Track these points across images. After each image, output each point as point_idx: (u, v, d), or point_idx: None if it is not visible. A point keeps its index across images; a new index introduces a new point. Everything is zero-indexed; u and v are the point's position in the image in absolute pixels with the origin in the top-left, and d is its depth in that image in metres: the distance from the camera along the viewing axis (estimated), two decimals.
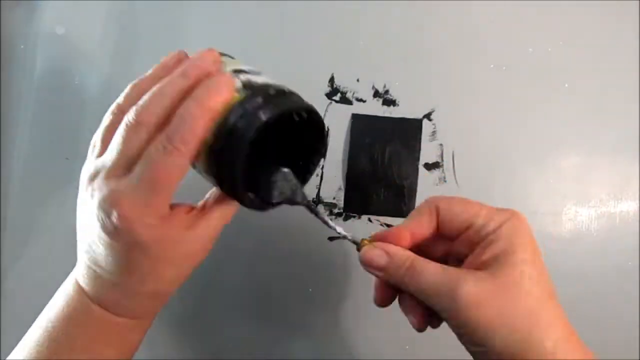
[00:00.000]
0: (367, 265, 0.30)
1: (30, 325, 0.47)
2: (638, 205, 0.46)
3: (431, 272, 0.28)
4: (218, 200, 0.31)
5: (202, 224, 0.30)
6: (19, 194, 0.47)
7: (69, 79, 0.47)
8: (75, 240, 0.47)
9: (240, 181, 0.27)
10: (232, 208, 0.31)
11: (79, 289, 0.31)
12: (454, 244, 0.30)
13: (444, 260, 0.30)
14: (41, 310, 0.47)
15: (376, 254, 0.30)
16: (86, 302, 0.31)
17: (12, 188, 0.47)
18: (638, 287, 0.45)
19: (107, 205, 0.27)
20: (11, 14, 0.47)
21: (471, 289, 0.26)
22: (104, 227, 0.28)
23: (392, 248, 0.29)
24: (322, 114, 0.46)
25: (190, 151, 0.26)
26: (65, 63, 0.47)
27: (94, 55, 0.47)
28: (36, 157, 0.47)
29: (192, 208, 0.31)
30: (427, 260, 0.28)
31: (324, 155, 0.31)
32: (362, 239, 0.31)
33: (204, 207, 0.31)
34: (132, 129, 0.27)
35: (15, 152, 0.47)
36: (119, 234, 0.27)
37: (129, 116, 0.27)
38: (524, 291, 0.26)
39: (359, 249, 0.30)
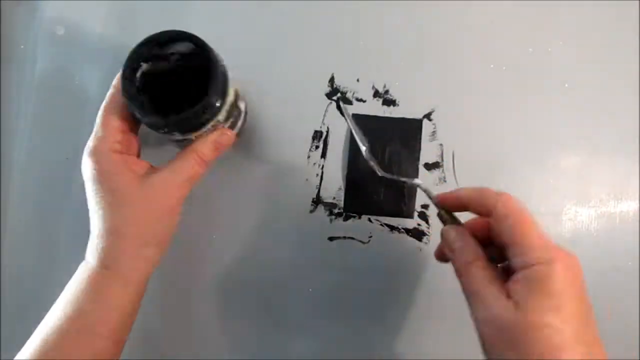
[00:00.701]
0: (443, 240, 0.35)
1: (29, 325, 0.48)
2: (638, 205, 0.46)
3: (476, 281, 0.31)
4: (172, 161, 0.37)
5: (150, 177, 0.35)
6: (19, 194, 0.47)
7: (69, 79, 0.47)
8: (76, 239, 0.47)
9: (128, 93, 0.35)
10: (185, 167, 0.36)
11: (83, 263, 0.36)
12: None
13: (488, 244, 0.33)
14: (41, 310, 0.47)
15: (453, 236, 0.34)
16: (81, 266, 0.36)
17: (12, 188, 0.47)
18: (638, 287, 0.45)
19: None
20: (11, 14, 0.47)
21: (493, 314, 0.29)
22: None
23: (467, 239, 0.33)
24: (322, 114, 0.46)
25: None
26: (65, 63, 0.47)
27: (94, 55, 0.47)
28: (36, 157, 0.47)
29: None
30: (481, 267, 0.31)
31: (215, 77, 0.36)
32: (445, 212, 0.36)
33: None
34: None
35: (15, 152, 0.47)
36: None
37: None
38: (531, 338, 0.27)
39: (443, 222, 0.36)
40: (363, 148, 0.44)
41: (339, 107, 0.42)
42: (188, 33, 0.36)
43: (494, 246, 0.33)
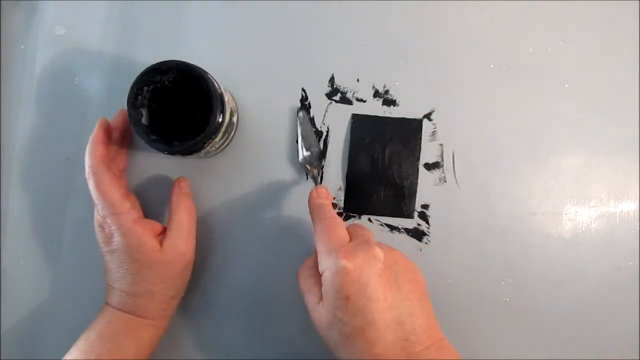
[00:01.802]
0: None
1: (28, 325, 0.48)
2: (638, 205, 0.46)
3: (303, 289, 0.37)
4: (171, 218, 0.43)
5: (166, 241, 0.41)
6: (19, 194, 0.47)
7: (69, 79, 0.47)
8: (76, 240, 0.47)
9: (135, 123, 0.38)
10: (185, 217, 0.43)
11: (106, 305, 0.41)
12: None
13: None
14: (41, 310, 0.47)
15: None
16: (111, 310, 0.41)
17: (12, 188, 0.47)
18: (638, 287, 0.45)
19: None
20: (11, 14, 0.47)
21: (311, 311, 0.36)
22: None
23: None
24: (322, 114, 0.46)
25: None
26: (65, 63, 0.47)
27: (94, 55, 0.47)
28: (36, 157, 0.47)
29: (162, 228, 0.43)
30: (305, 277, 0.37)
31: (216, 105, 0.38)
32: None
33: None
34: None
35: (15, 152, 0.47)
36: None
37: None
38: (334, 331, 0.34)
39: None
40: (304, 154, 0.45)
41: (301, 113, 0.46)
42: (189, 65, 0.38)
43: None
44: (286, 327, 0.46)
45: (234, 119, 0.44)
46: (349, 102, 0.46)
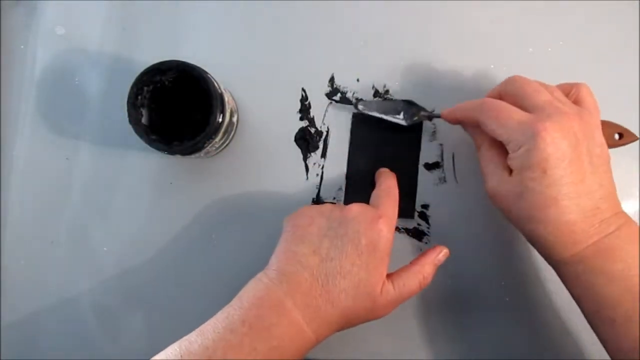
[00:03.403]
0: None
1: (28, 325, 0.48)
2: (638, 205, 0.46)
3: (482, 160, 0.38)
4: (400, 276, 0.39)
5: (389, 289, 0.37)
6: (19, 194, 0.47)
7: (69, 78, 0.47)
8: (75, 240, 0.47)
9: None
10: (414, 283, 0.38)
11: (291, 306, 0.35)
12: None
13: None
14: (40, 310, 0.47)
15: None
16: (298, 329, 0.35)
17: (12, 188, 0.47)
18: None
19: None
20: (11, 14, 0.47)
21: (491, 186, 0.37)
22: None
23: (475, 130, 0.40)
24: (322, 114, 0.46)
25: None
26: (65, 63, 0.47)
27: (94, 55, 0.47)
28: (36, 157, 0.47)
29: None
30: (486, 148, 0.38)
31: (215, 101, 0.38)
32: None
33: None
34: None
35: (15, 152, 0.47)
36: None
37: None
38: (522, 201, 0.35)
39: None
40: (400, 117, 0.44)
41: (360, 106, 0.45)
42: (189, 65, 0.38)
43: None
44: None
45: (234, 119, 0.44)
46: (349, 102, 0.46)
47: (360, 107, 0.44)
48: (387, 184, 0.41)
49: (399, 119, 0.44)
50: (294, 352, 0.34)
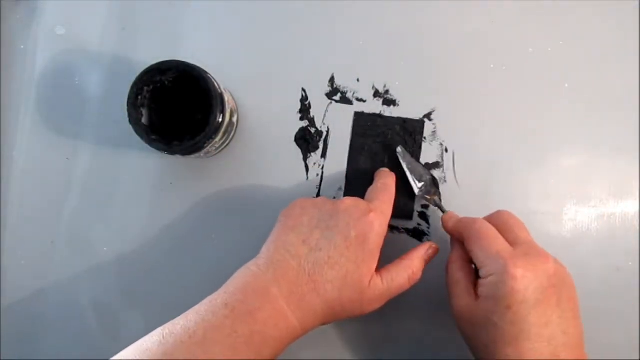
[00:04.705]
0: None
1: (28, 325, 0.48)
2: (638, 205, 0.46)
3: (452, 278, 0.38)
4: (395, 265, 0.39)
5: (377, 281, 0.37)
6: (19, 194, 0.47)
7: (69, 78, 0.47)
8: (76, 239, 0.47)
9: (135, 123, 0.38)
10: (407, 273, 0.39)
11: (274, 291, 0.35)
12: None
13: None
14: (40, 309, 0.47)
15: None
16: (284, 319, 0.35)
17: (12, 188, 0.47)
18: (638, 287, 0.45)
19: None
20: (11, 14, 0.47)
21: (458, 307, 0.36)
22: None
23: (453, 243, 0.40)
24: (322, 114, 0.46)
25: None
26: (65, 63, 0.47)
27: (94, 55, 0.47)
28: (36, 157, 0.47)
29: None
30: (458, 268, 0.38)
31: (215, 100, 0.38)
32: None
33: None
34: None
35: (15, 152, 0.47)
36: None
37: None
38: (482, 333, 0.34)
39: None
40: (418, 185, 0.44)
41: (400, 149, 0.45)
42: (189, 65, 0.38)
43: None
44: None
45: (234, 119, 0.44)
46: (349, 102, 0.46)
47: (399, 150, 0.45)
48: (384, 181, 0.41)
49: (415, 186, 0.44)
50: (278, 339, 0.34)
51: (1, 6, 0.47)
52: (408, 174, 0.44)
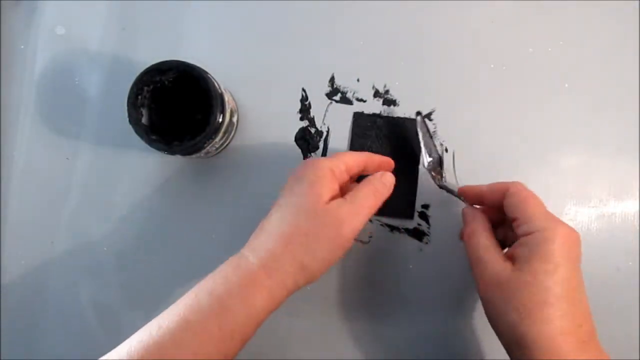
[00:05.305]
0: (462, 216, 0.40)
1: (28, 325, 0.48)
2: (638, 205, 0.46)
3: (480, 247, 0.36)
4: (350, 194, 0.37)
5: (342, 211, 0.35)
6: (19, 194, 0.47)
7: (69, 79, 0.47)
8: (76, 240, 0.47)
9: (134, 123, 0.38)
10: (369, 201, 0.37)
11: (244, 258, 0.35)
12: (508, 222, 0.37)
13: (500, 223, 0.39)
14: (40, 309, 0.47)
15: (467, 212, 0.40)
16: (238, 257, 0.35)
17: (12, 188, 0.47)
18: (638, 287, 0.45)
19: None
20: (11, 14, 0.47)
21: (492, 273, 0.34)
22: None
23: (478, 214, 0.39)
24: (322, 114, 0.46)
25: None
26: (65, 63, 0.47)
27: (94, 55, 0.47)
28: (36, 157, 0.47)
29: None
30: (484, 237, 0.37)
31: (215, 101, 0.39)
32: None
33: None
34: None
35: (15, 152, 0.47)
36: None
37: None
38: (524, 293, 0.33)
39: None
40: (427, 159, 0.44)
41: (419, 118, 0.45)
42: (189, 65, 0.38)
43: (502, 228, 0.39)
44: (287, 325, 0.46)
45: (234, 119, 0.44)
46: (349, 102, 0.46)
47: (419, 118, 0.45)
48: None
49: (425, 159, 0.44)
50: (241, 289, 0.33)
51: (1, 6, 0.47)
52: (422, 144, 0.44)
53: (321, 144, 0.46)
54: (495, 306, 0.34)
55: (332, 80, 0.46)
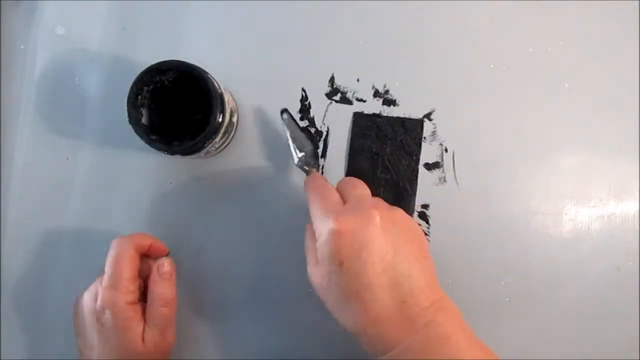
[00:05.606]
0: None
1: (28, 325, 0.48)
2: (638, 205, 0.46)
3: (305, 244, 0.37)
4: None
5: (146, 335, 0.40)
6: (19, 194, 0.47)
7: (69, 79, 0.47)
8: (76, 240, 0.47)
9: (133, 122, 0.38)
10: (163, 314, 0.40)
11: None
12: None
13: None
14: (40, 310, 0.47)
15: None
16: None
17: (12, 188, 0.47)
18: (638, 287, 0.45)
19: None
20: (11, 14, 0.47)
21: (309, 273, 0.36)
22: None
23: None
24: (322, 114, 0.46)
25: None
26: (65, 63, 0.47)
27: (94, 55, 0.47)
28: (36, 157, 0.47)
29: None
30: (309, 237, 0.37)
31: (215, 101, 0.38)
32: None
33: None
34: None
35: (15, 152, 0.47)
36: None
37: None
38: (330, 295, 0.34)
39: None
40: (298, 155, 0.43)
41: (285, 115, 0.43)
42: (189, 65, 0.38)
43: None
44: (288, 324, 0.46)
45: (234, 119, 0.44)
46: (349, 102, 0.46)
47: (284, 116, 0.43)
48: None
49: (295, 155, 0.42)
50: None
51: (1, 6, 0.47)
52: (290, 142, 0.43)
53: (321, 144, 0.46)
54: (326, 305, 0.35)
55: (332, 80, 0.46)
